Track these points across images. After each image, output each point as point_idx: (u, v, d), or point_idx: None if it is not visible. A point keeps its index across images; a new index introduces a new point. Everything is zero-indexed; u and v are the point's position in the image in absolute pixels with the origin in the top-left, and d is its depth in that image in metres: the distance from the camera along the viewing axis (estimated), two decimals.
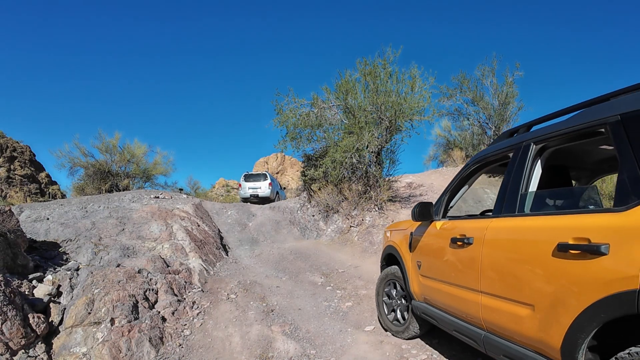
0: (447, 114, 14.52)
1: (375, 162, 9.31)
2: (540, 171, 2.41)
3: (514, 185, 2.38)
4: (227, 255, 7.50)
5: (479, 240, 2.44)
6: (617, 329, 1.57)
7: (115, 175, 13.09)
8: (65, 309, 4.05)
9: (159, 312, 4.37)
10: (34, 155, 21.32)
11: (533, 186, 2.36)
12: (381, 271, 4.19)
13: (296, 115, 9.62)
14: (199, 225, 7.71)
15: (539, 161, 2.39)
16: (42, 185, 20.55)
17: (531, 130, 2.61)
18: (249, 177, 15.34)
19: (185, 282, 5.33)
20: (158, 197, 9.69)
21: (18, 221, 4.98)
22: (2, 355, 3.19)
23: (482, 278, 2.37)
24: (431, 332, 3.69)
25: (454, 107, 14.27)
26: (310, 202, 10.66)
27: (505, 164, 2.63)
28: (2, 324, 3.31)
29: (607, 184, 7.02)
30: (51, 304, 4.05)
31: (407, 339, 3.71)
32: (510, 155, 2.57)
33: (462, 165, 3.20)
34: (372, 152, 9.10)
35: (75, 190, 12.59)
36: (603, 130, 1.89)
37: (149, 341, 3.80)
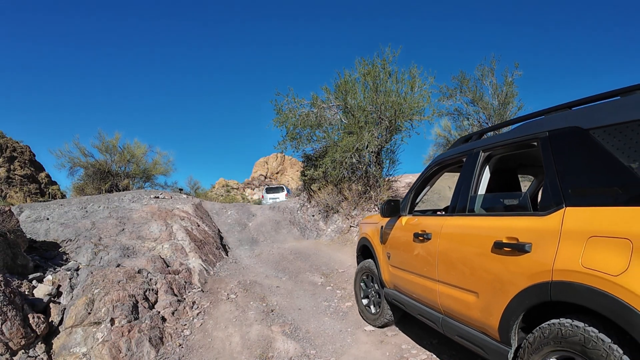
0: (447, 114, 14.52)
1: (375, 162, 9.31)
2: (489, 175, 2.74)
3: (465, 187, 2.70)
4: (227, 255, 7.50)
5: (435, 235, 2.80)
6: (543, 311, 1.92)
7: (115, 175, 13.08)
8: (65, 309, 4.05)
9: (159, 312, 4.37)
10: (34, 155, 21.32)
11: (482, 189, 2.68)
12: (357, 262, 4.55)
13: (296, 115, 9.61)
14: (198, 226, 7.71)
15: (487, 166, 2.71)
16: (42, 185, 20.56)
17: (482, 138, 2.96)
18: (269, 190, 20.30)
19: (185, 282, 5.33)
20: (158, 197, 9.69)
21: (18, 221, 4.98)
22: (2, 355, 3.20)
23: (439, 269, 2.73)
24: (431, 332, 3.69)
25: (454, 107, 14.27)
26: (310, 202, 10.66)
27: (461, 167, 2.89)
28: (2, 324, 3.31)
29: None
30: (51, 304, 4.05)
31: (380, 327, 4.00)
32: (464, 160, 2.87)
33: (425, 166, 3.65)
34: (372, 152, 9.10)
35: (75, 190, 12.58)
36: (535, 143, 2.19)
37: (149, 341, 3.80)
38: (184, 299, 4.90)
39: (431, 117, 9.74)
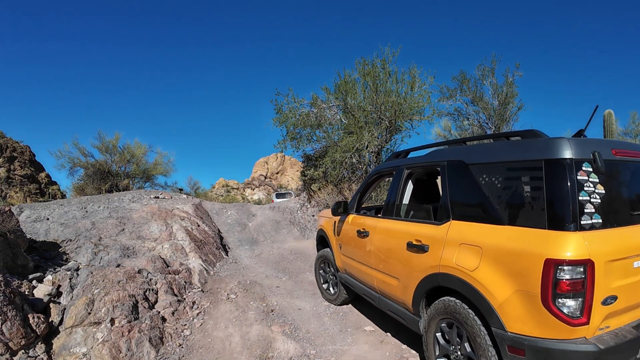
0: (447, 114, 14.50)
1: (375, 162, 9.31)
2: (411, 187, 3.49)
3: (393, 195, 3.43)
4: (227, 255, 7.50)
5: (372, 233, 3.55)
6: (437, 292, 2.70)
7: (115, 176, 13.07)
8: (65, 309, 4.05)
9: (159, 312, 4.37)
10: (34, 155, 21.31)
11: (406, 198, 3.42)
12: (317, 250, 5.21)
13: (296, 115, 9.61)
14: (199, 226, 7.71)
15: (410, 180, 3.45)
16: (42, 186, 20.55)
17: (408, 156, 3.75)
18: (279, 195, 23.10)
19: (185, 282, 5.33)
20: (158, 197, 9.69)
21: (18, 221, 4.98)
22: (2, 355, 3.20)
23: (374, 259, 3.50)
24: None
25: (454, 107, 14.24)
26: (310, 202, 10.66)
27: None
28: (2, 324, 3.31)
29: None
30: (51, 304, 4.05)
31: (339, 305, 4.73)
32: (394, 173, 3.58)
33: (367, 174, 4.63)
34: (372, 152, 9.09)
35: (75, 190, 12.57)
36: (439, 168, 2.95)
37: (149, 341, 3.80)
38: (184, 299, 4.90)
39: (431, 117, 9.75)
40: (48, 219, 6.69)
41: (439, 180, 3.40)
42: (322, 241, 4.97)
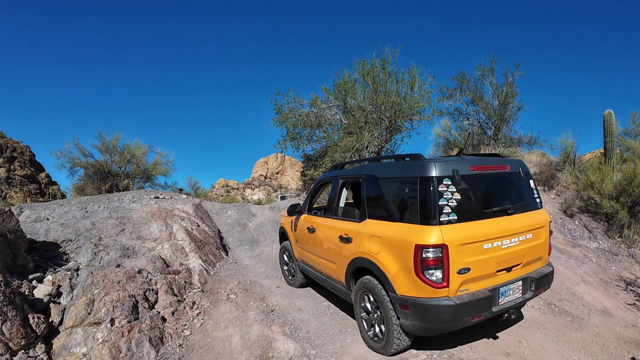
0: (446, 114, 14.47)
1: None
2: (346, 193, 4.58)
3: (332, 200, 4.42)
4: (227, 255, 7.50)
5: (317, 229, 4.52)
6: (360, 272, 3.62)
7: (115, 176, 13.05)
8: (65, 309, 4.05)
9: (159, 312, 4.37)
10: (34, 155, 21.31)
11: (341, 202, 4.48)
12: (280, 243, 6.10)
13: (296, 115, 9.60)
14: (199, 226, 7.71)
15: (344, 188, 4.53)
16: (42, 186, 20.55)
17: (343, 168, 4.91)
18: (283, 198, 24.57)
19: (185, 282, 5.33)
20: (158, 198, 9.68)
21: (18, 221, 4.98)
22: (2, 355, 3.20)
23: (319, 249, 4.45)
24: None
25: (454, 107, 14.21)
26: None
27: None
28: (2, 325, 3.31)
29: (607, 184, 7.04)
30: (51, 304, 4.04)
31: (297, 287, 5.50)
32: (332, 181, 4.59)
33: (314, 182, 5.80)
34: (372, 152, 9.09)
35: (75, 190, 12.55)
36: (361, 180, 3.87)
37: (149, 341, 3.80)
38: (184, 299, 4.90)
39: (431, 117, 9.75)
40: (48, 219, 6.69)
41: None
42: (283, 236, 5.84)
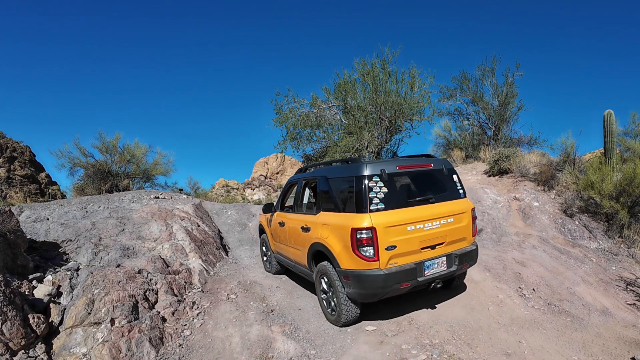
0: (447, 114, 14.46)
1: None
2: (309, 192, 5.35)
3: (297, 198, 5.22)
4: (227, 255, 7.50)
5: (286, 223, 5.27)
6: (318, 256, 4.36)
7: (115, 176, 13.04)
8: (65, 309, 4.05)
9: (159, 312, 4.37)
10: (34, 155, 21.29)
11: (305, 199, 5.21)
12: (259, 236, 6.97)
13: (296, 115, 9.60)
14: (199, 226, 7.71)
15: (307, 188, 5.29)
16: (42, 186, 20.54)
17: (307, 171, 5.50)
18: None
19: (185, 282, 5.33)
20: (158, 198, 9.68)
21: (18, 221, 4.98)
22: (2, 355, 3.20)
23: (288, 240, 5.20)
24: (431, 334, 3.68)
25: (454, 107, 14.20)
26: None
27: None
28: (2, 325, 3.31)
29: (607, 184, 7.03)
30: (51, 304, 4.05)
31: (274, 274, 6.22)
32: (297, 183, 5.35)
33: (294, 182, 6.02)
34: (372, 152, 9.09)
35: (75, 190, 12.53)
36: (317, 180, 4.64)
37: (149, 341, 3.80)
38: (184, 299, 4.90)
39: (431, 117, 9.74)
40: (48, 219, 6.69)
41: None
42: (261, 231, 6.69)
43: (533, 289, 4.95)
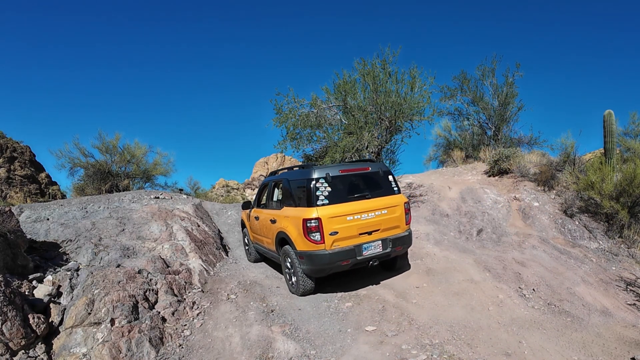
0: (447, 114, 14.46)
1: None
2: (278, 191, 6.05)
3: (269, 197, 6.10)
4: (227, 255, 7.50)
5: (260, 217, 6.18)
6: (283, 241, 5.33)
7: (115, 176, 13.04)
8: (65, 309, 4.05)
9: (159, 312, 4.37)
10: (34, 155, 21.30)
11: (275, 197, 6.01)
12: (242, 230, 7.66)
13: (296, 115, 9.58)
14: (199, 226, 7.71)
15: (276, 189, 6.08)
16: (42, 186, 20.54)
17: (277, 174, 6.38)
18: None
19: (185, 282, 5.33)
20: (158, 198, 9.68)
21: (18, 222, 4.98)
22: (2, 355, 3.20)
23: (262, 231, 6.07)
24: (431, 334, 3.68)
25: (454, 107, 14.20)
26: None
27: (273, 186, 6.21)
28: (2, 325, 3.31)
29: (607, 184, 7.04)
30: (51, 305, 4.05)
31: (252, 262, 7.07)
32: (269, 184, 6.25)
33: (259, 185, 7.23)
34: (372, 152, 9.08)
35: (75, 190, 12.53)
36: (282, 183, 5.67)
37: (149, 341, 3.80)
38: (184, 299, 4.90)
39: (431, 117, 9.70)
40: (48, 219, 6.69)
41: None
42: (243, 225, 7.47)
43: (533, 289, 4.95)
